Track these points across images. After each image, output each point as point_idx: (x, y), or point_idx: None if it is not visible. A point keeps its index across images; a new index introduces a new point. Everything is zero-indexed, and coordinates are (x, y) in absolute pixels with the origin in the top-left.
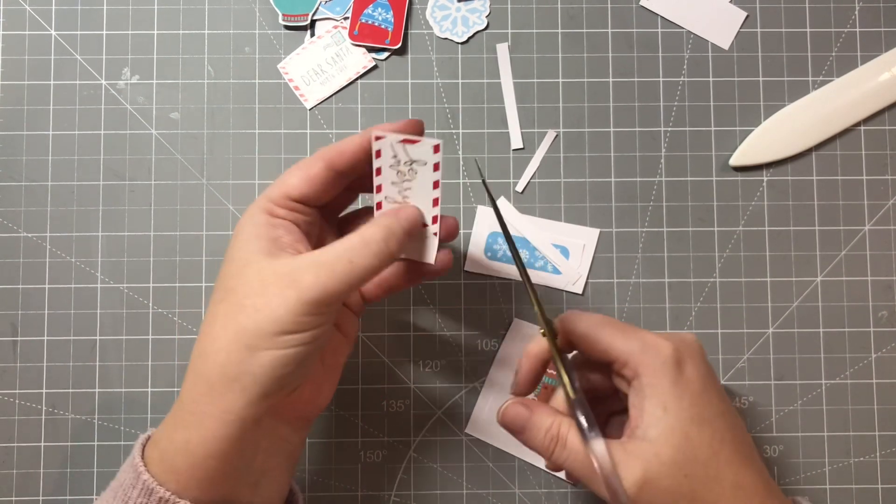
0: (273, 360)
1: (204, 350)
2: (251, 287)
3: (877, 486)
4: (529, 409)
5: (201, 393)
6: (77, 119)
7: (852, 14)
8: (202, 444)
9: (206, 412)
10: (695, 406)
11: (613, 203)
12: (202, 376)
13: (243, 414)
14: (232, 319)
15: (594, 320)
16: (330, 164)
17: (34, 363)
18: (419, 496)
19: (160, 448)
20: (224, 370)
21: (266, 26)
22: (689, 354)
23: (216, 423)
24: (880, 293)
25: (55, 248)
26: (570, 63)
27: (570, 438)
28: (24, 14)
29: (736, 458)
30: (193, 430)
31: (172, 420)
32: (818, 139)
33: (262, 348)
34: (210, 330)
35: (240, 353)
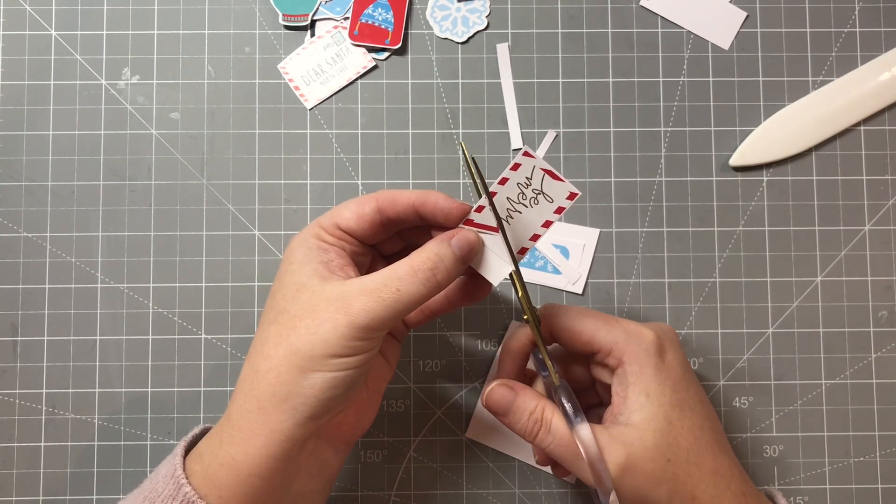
0: (323, 383)
1: (255, 368)
2: (304, 310)
3: (877, 486)
4: (514, 392)
5: (250, 410)
6: (77, 119)
7: (852, 14)
8: (248, 461)
9: (254, 430)
10: (676, 392)
11: (613, 203)
12: (252, 394)
13: (291, 434)
14: (284, 340)
15: (575, 311)
16: (381, 209)
17: (34, 363)
18: (419, 496)
19: (204, 462)
20: (275, 389)
21: (266, 26)
22: (669, 342)
23: (264, 441)
24: (880, 293)
25: (55, 248)
26: (570, 63)
27: (555, 423)
28: (24, 14)
29: (715, 445)
30: (240, 446)
31: (218, 435)
32: (818, 139)
33: (313, 370)
34: (262, 349)
35: (291, 373)
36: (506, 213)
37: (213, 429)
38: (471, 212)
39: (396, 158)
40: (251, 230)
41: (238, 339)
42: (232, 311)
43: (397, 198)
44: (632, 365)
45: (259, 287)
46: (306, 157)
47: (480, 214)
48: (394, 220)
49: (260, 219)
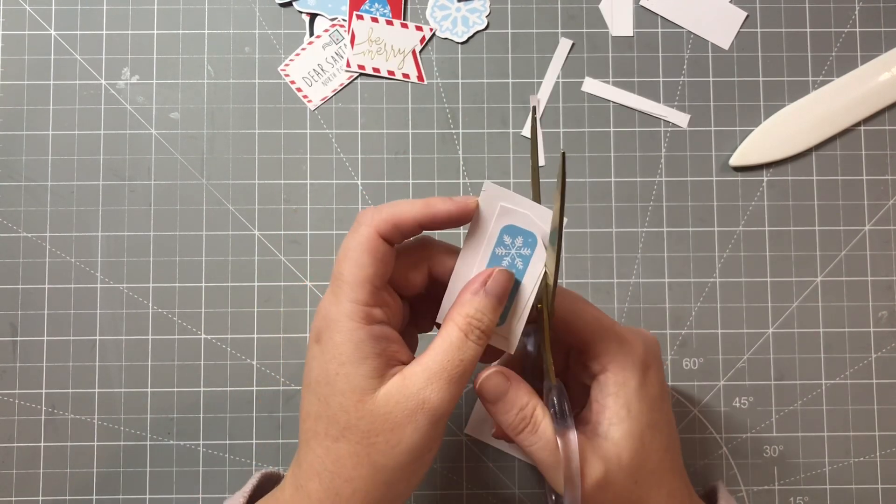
0: (410, 486)
1: (336, 491)
2: (376, 422)
3: (877, 486)
4: (509, 383)
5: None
6: (77, 119)
7: (852, 14)
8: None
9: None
10: (653, 412)
11: (613, 203)
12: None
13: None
14: (364, 458)
15: (578, 303)
16: (388, 240)
17: (34, 363)
18: (419, 496)
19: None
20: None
21: (266, 26)
22: (654, 358)
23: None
24: (880, 293)
25: (55, 248)
26: (571, 63)
27: (544, 425)
28: (24, 14)
29: (675, 467)
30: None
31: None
32: (818, 139)
33: (401, 481)
34: (338, 470)
35: (379, 490)
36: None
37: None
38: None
39: (396, 158)
40: (251, 230)
41: (238, 339)
42: (232, 311)
43: (398, 222)
44: (617, 375)
45: (258, 287)
46: (306, 157)
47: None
48: (399, 242)
49: (260, 219)
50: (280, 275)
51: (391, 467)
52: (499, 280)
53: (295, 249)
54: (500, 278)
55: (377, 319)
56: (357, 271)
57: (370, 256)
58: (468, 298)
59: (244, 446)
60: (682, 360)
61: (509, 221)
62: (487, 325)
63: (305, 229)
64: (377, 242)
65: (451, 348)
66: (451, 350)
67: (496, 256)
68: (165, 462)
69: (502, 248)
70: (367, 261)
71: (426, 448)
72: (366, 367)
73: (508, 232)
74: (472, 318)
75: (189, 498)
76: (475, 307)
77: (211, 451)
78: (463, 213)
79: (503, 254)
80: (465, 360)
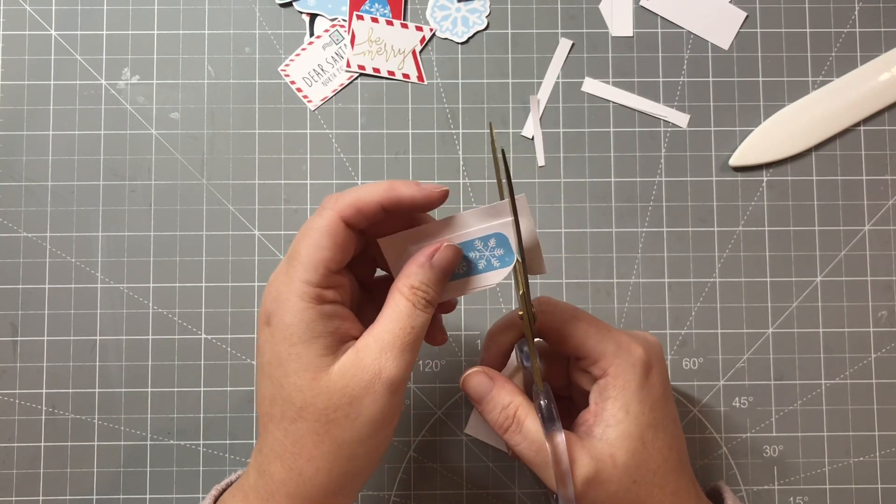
0: (373, 457)
1: (298, 471)
2: (333, 398)
3: (877, 486)
4: (492, 382)
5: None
6: (77, 119)
7: (852, 14)
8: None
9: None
10: (654, 411)
11: (613, 203)
12: (301, 497)
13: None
14: (325, 436)
15: (569, 313)
16: (350, 225)
17: (34, 363)
18: (419, 496)
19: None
20: (328, 487)
21: (266, 26)
22: (656, 359)
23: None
24: (880, 293)
25: (55, 248)
26: (571, 63)
27: (527, 424)
28: (24, 14)
29: (679, 466)
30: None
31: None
32: (818, 139)
33: (364, 453)
34: (299, 450)
35: (342, 466)
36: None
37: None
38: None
39: (396, 158)
40: (251, 230)
41: (238, 339)
42: (232, 311)
43: (361, 206)
44: (616, 379)
45: (259, 287)
46: (306, 157)
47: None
48: (363, 227)
49: (260, 219)
50: None
51: (352, 441)
52: (446, 255)
53: None
54: (446, 253)
55: (328, 300)
56: (314, 252)
57: (330, 240)
58: (414, 270)
59: (244, 446)
60: (682, 360)
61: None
62: (433, 296)
63: None
64: (339, 227)
65: (401, 317)
66: (402, 319)
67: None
68: (165, 462)
69: (475, 253)
70: (326, 243)
71: (386, 419)
72: (317, 346)
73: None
74: (417, 288)
75: (189, 498)
76: (420, 279)
77: (211, 451)
78: (428, 199)
79: (477, 258)
80: (415, 326)
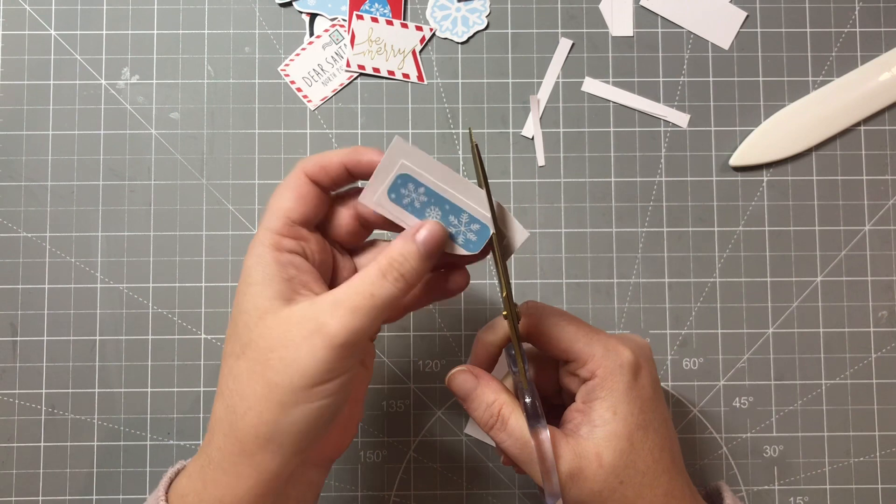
0: (308, 415)
1: (233, 409)
2: (273, 339)
3: (877, 486)
4: (476, 381)
5: (233, 452)
6: (77, 119)
7: (852, 14)
8: (236, 503)
9: (240, 472)
10: (643, 413)
11: (613, 203)
12: (233, 436)
13: (279, 472)
14: (259, 376)
15: (557, 316)
16: (314, 181)
17: (34, 363)
18: (419, 496)
19: (189, 503)
20: (257, 430)
21: (266, 26)
22: (645, 361)
23: (251, 482)
24: (880, 293)
25: (55, 248)
26: (571, 63)
27: (512, 421)
28: (24, 14)
29: (672, 467)
30: (227, 489)
31: (201, 476)
32: (818, 139)
33: (295, 404)
34: (236, 387)
35: (272, 411)
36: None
37: (193, 467)
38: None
39: None
40: (251, 230)
41: None
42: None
43: (326, 163)
44: (604, 380)
45: None
46: (306, 156)
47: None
48: (328, 187)
49: (260, 219)
50: None
51: (284, 387)
52: (433, 231)
53: None
54: (433, 230)
55: (287, 248)
56: (275, 203)
57: (291, 191)
58: (397, 244)
59: None
60: (682, 360)
61: (386, 188)
62: (409, 270)
63: None
64: (301, 180)
65: (364, 282)
66: (364, 283)
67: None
68: (165, 462)
69: (406, 199)
70: (287, 195)
71: (322, 375)
72: (270, 289)
73: (396, 192)
74: (394, 259)
75: None
76: (399, 251)
77: None
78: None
79: (410, 200)
80: (375, 294)
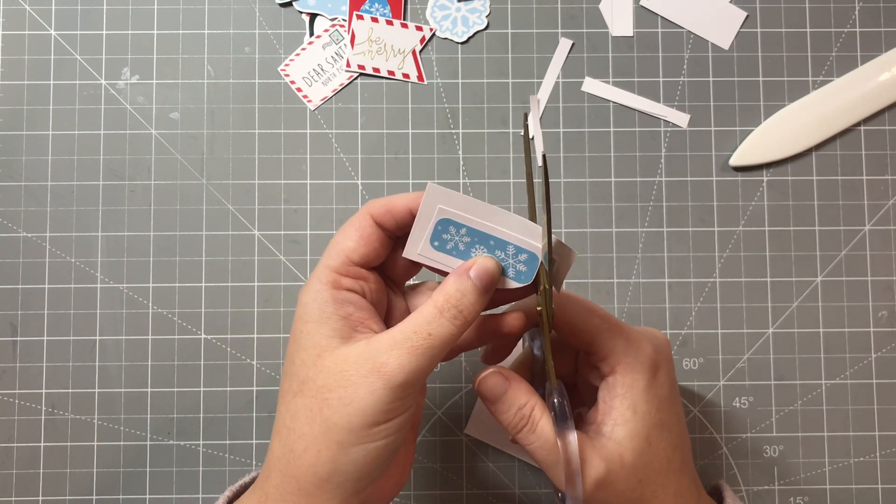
0: (366, 455)
1: (291, 448)
2: (332, 378)
3: (877, 486)
4: (507, 383)
5: (291, 491)
6: (77, 119)
7: (852, 14)
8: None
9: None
10: (661, 412)
11: (613, 203)
12: (291, 475)
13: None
14: (317, 414)
15: (581, 306)
16: (379, 223)
17: (34, 363)
18: (419, 496)
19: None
20: (315, 470)
21: (266, 26)
22: (664, 359)
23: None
24: (880, 293)
25: (55, 248)
26: (571, 63)
27: (542, 424)
28: (23, 14)
29: (683, 467)
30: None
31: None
32: (818, 139)
33: (353, 444)
34: (293, 426)
35: (330, 450)
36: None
37: (249, 500)
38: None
39: (396, 158)
40: (251, 230)
41: (238, 339)
42: (232, 311)
43: (392, 206)
44: (625, 377)
45: (258, 287)
46: (306, 157)
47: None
48: (393, 230)
49: (260, 219)
50: (280, 275)
51: (343, 427)
52: (483, 264)
53: (295, 249)
54: (484, 263)
55: (345, 287)
56: (339, 241)
57: (354, 231)
58: (451, 280)
59: (244, 446)
60: (682, 360)
61: (428, 235)
62: (467, 306)
63: (305, 229)
64: (365, 221)
65: (422, 321)
66: (421, 323)
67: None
68: (165, 462)
69: (449, 244)
70: (351, 234)
71: (380, 416)
72: (328, 327)
73: (439, 239)
74: (450, 296)
75: (189, 498)
76: (456, 287)
77: (211, 451)
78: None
79: (453, 245)
80: (433, 334)
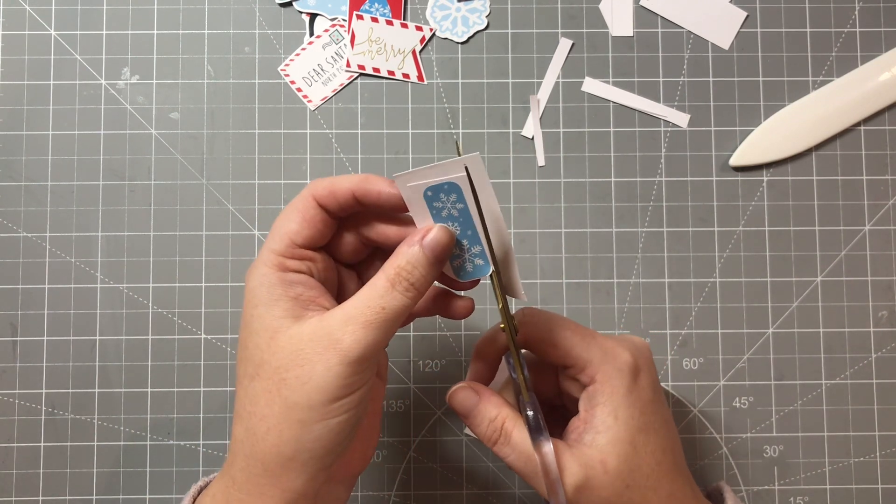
0: (329, 431)
1: (252, 431)
2: (287, 358)
3: (877, 486)
4: (478, 396)
5: (257, 474)
6: (77, 119)
7: (852, 14)
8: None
9: (264, 493)
10: (644, 415)
11: (613, 203)
12: (255, 458)
13: (304, 490)
14: (276, 395)
15: (553, 322)
16: (321, 205)
17: (34, 363)
18: (419, 496)
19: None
20: (279, 450)
21: (266, 26)
22: (644, 363)
23: (277, 502)
24: (880, 293)
25: (55, 248)
26: (571, 63)
27: (515, 435)
28: (23, 14)
29: (674, 469)
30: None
31: (225, 497)
32: (818, 139)
33: (315, 421)
34: (253, 409)
35: (292, 430)
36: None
37: (216, 487)
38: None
39: (396, 158)
40: (251, 230)
41: (237, 339)
42: (232, 311)
43: (335, 189)
44: (604, 385)
45: None
46: (306, 157)
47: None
48: (336, 212)
49: (260, 219)
50: None
51: (303, 405)
52: (436, 236)
53: None
54: (437, 234)
55: (292, 268)
56: (282, 225)
57: (297, 214)
58: (403, 250)
59: None
60: (682, 360)
61: (428, 185)
62: (419, 278)
63: None
64: (308, 203)
65: (374, 295)
66: (373, 297)
67: (436, 211)
68: (165, 462)
69: (438, 203)
70: (293, 217)
71: (338, 391)
72: (278, 308)
73: (434, 192)
74: (402, 268)
75: None
76: (407, 258)
77: (211, 451)
78: (395, 199)
79: (440, 207)
80: (386, 307)
